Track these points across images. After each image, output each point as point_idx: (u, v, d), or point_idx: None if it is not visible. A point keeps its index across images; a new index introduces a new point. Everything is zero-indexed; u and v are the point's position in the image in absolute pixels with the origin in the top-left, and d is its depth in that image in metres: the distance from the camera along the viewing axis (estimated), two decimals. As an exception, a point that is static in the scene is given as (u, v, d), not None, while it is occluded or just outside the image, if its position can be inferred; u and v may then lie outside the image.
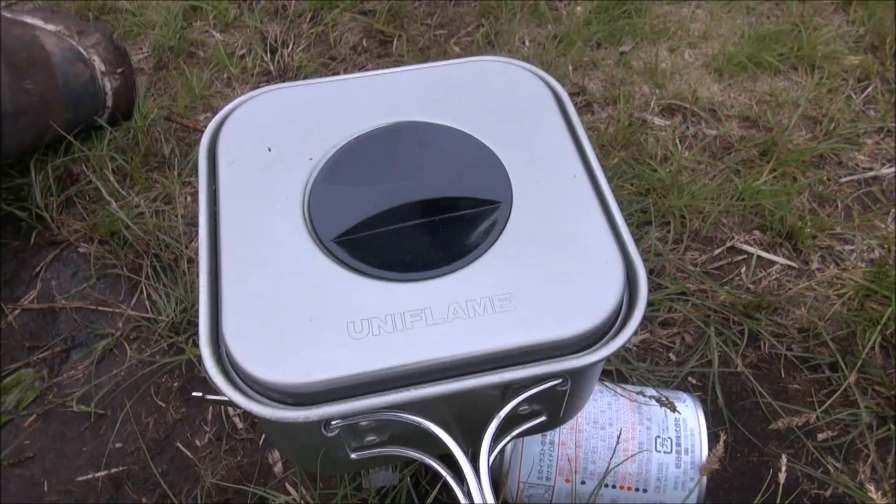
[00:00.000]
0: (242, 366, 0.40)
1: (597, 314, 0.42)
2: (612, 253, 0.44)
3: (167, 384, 0.87)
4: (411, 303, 0.42)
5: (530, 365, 0.41)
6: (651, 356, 0.89)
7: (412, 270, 0.44)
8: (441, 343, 0.41)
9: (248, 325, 0.41)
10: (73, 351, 0.91)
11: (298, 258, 0.45)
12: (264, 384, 0.40)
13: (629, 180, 1.04)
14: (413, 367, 0.40)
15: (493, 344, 0.41)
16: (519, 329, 0.41)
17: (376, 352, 0.40)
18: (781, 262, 0.97)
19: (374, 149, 0.50)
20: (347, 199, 0.47)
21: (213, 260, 0.46)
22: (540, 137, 0.51)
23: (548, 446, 0.67)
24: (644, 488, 0.67)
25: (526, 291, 0.43)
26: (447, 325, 0.42)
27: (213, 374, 0.41)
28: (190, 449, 0.82)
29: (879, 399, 0.83)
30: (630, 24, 1.32)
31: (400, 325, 0.42)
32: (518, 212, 0.47)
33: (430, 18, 1.38)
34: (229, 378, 0.42)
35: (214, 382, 0.41)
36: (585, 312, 0.42)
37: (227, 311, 0.42)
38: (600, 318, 0.42)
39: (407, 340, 0.41)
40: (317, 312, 0.42)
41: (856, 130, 1.14)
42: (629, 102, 1.19)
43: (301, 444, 0.50)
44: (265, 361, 0.40)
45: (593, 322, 0.42)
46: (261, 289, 0.43)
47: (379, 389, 0.41)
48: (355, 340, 0.41)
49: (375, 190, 0.47)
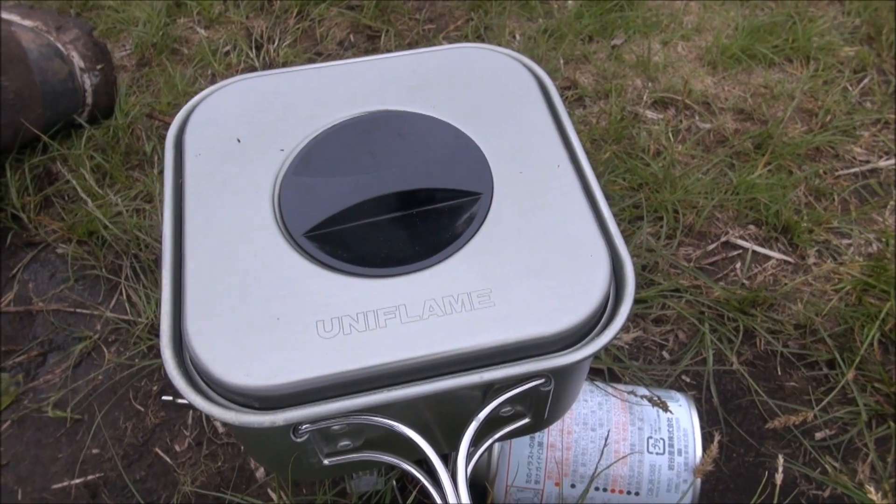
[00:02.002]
0: (205, 367, 0.38)
1: (581, 310, 0.40)
2: (597, 246, 0.42)
3: (146, 388, 0.85)
4: (385, 300, 0.40)
5: (510, 364, 0.39)
6: (644, 354, 0.86)
7: (386, 266, 0.41)
8: (416, 342, 0.38)
9: (211, 324, 0.39)
10: (50, 354, 0.89)
11: (267, 254, 0.42)
12: (228, 387, 0.37)
13: (621, 175, 1.02)
14: (386, 368, 0.38)
15: (471, 342, 0.39)
16: (499, 326, 0.39)
17: (347, 352, 0.38)
18: (777, 257, 0.95)
19: (348, 139, 0.48)
20: (320, 191, 0.44)
21: (178, 256, 0.43)
22: (523, 126, 0.49)
23: (536, 448, 0.65)
24: (636, 491, 0.64)
25: (506, 287, 0.40)
26: (422, 323, 0.39)
27: (174, 376, 0.39)
28: (169, 454, 0.79)
29: (878, 396, 0.80)
30: (622, 17, 1.30)
31: (373, 323, 0.39)
32: (499, 204, 0.44)
33: (418, 13, 1.35)
34: (192, 381, 0.39)
35: (175, 385, 0.38)
36: (569, 308, 0.40)
37: (190, 310, 0.40)
38: (585, 314, 0.40)
39: (380, 340, 0.39)
40: (285, 311, 0.40)
41: (852, 122, 1.11)
42: (621, 96, 1.17)
43: (271, 450, 0.47)
44: (229, 363, 0.38)
45: (577, 319, 0.39)
46: (226, 286, 0.41)
47: (350, 392, 0.38)
48: (325, 340, 0.38)
49: (349, 182, 0.45)
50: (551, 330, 0.39)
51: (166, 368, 0.39)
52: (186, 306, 0.40)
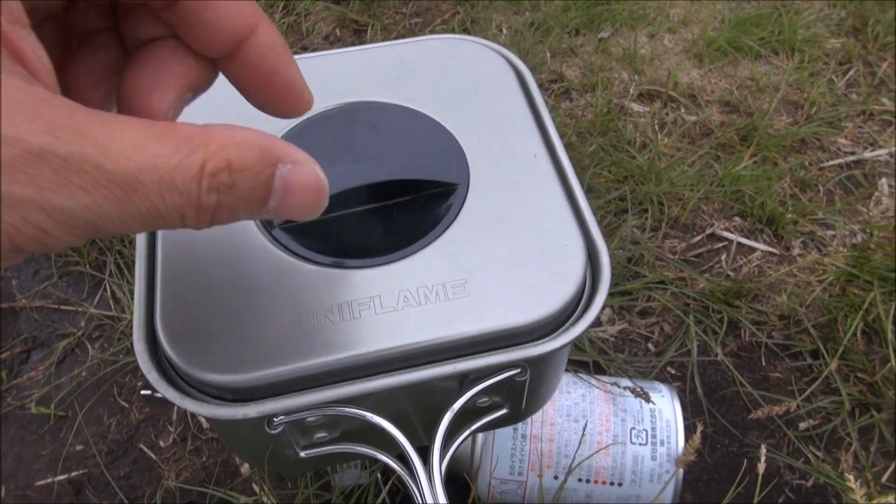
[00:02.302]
0: (177, 361, 0.37)
1: (556, 300, 0.40)
2: (572, 235, 0.42)
3: (131, 384, 0.84)
4: (359, 291, 0.40)
5: (484, 354, 0.39)
6: (629, 346, 0.86)
7: (361, 257, 0.41)
8: (390, 333, 0.38)
9: (182, 317, 0.39)
10: (33, 351, 0.88)
11: (241, 244, 0.42)
12: (200, 380, 0.37)
13: (607, 167, 1.02)
14: (360, 359, 0.38)
15: (445, 333, 0.38)
16: (474, 316, 0.39)
17: (320, 343, 0.38)
18: (762, 249, 0.95)
19: (325, 130, 0.47)
20: None
21: (152, 248, 0.43)
22: (500, 117, 0.48)
23: (519, 440, 0.65)
24: (619, 482, 0.65)
25: (481, 277, 0.40)
26: (397, 314, 0.39)
27: (146, 369, 0.38)
28: (154, 450, 0.79)
29: (861, 386, 0.81)
30: (609, 10, 1.30)
31: (347, 314, 0.39)
32: (475, 194, 0.44)
33: (405, 7, 1.35)
34: (165, 374, 0.39)
35: (148, 378, 0.38)
36: (544, 298, 0.40)
37: (161, 303, 0.39)
38: (559, 303, 0.40)
39: (354, 331, 0.38)
40: (258, 302, 0.39)
41: (837, 114, 1.12)
42: (608, 89, 1.17)
43: (247, 443, 0.47)
44: (200, 356, 0.37)
45: (552, 308, 0.39)
46: (198, 278, 0.40)
47: (325, 383, 0.38)
48: (299, 332, 0.38)
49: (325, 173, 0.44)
50: (526, 320, 0.39)
51: (139, 362, 0.39)
52: (158, 299, 0.40)
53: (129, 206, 0.20)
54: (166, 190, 0.21)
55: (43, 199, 0.19)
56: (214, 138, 0.22)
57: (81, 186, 0.19)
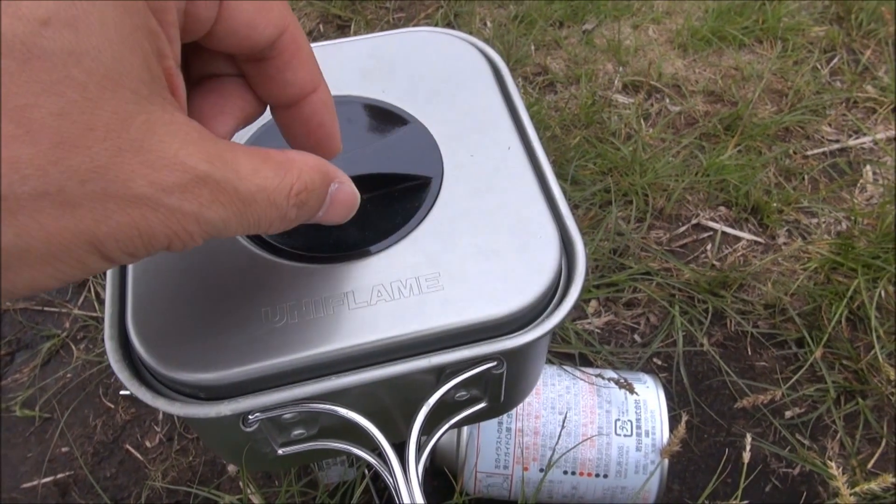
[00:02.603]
0: (147, 360, 0.37)
1: (531, 291, 0.39)
2: (546, 227, 0.42)
3: (116, 384, 0.84)
4: (332, 287, 0.40)
5: (459, 348, 0.39)
6: (616, 338, 0.86)
7: (334, 252, 0.41)
8: (364, 328, 0.38)
9: (152, 315, 0.38)
10: (17, 353, 0.88)
11: (213, 242, 0.41)
12: (171, 379, 0.37)
13: (591, 159, 1.02)
14: (334, 355, 0.38)
15: (419, 326, 0.38)
16: (448, 309, 0.39)
17: (293, 340, 0.37)
18: (747, 238, 0.95)
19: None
20: None
21: None
22: (474, 109, 0.48)
23: (504, 434, 0.65)
24: (605, 473, 0.65)
25: (455, 270, 0.40)
26: (370, 309, 0.39)
27: (117, 369, 0.38)
28: (140, 450, 0.79)
29: (847, 373, 0.81)
30: (592, 2, 1.29)
31: (321, 310, 0.39)
32: (449, 187, 0.44)
33: (388, 2, 1.34)
34: (137, 373, 0.39)
35: (119, 377, 0.38)
36: (519, 289, 0.39)
37: (133, 301, 0.39)
38: (534, 294, 0.39)
39: (327, 326, 0.38)
40: (231, 299, 0.39)
41: (821, 102, 1.12)
42: (592, 81, 1.16)
43: (224, 442, 0.47)
44: (172, 355, 0.37)
45: (527, 299, 0.39)
46: (170, 275, 0.40)
47: (299, 380, 0.38)
48: (271, 328, 0.38)
49: None
50: (501, 312, 0.39)
51: (110, 361, 0.38)
52: (129, 298, 0.39)
53: (244, 218, 0.26)
54: (270, 206, 0.27)
55: (200, 213, 0.24)
56: (295, 165, 0.29)
57: (223, 203, 0.25)
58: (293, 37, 0.30)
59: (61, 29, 0.20)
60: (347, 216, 0.35)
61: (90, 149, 0.21)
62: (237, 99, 0.32)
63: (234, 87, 0.32)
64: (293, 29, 0.30)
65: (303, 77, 0.32)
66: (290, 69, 0.31)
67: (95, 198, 0.21)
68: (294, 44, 0.31)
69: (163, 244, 0.24)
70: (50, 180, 0.20)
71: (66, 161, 0.20)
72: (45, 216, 0.21)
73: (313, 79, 0.32)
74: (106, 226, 0.22)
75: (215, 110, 0.31)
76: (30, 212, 0.20)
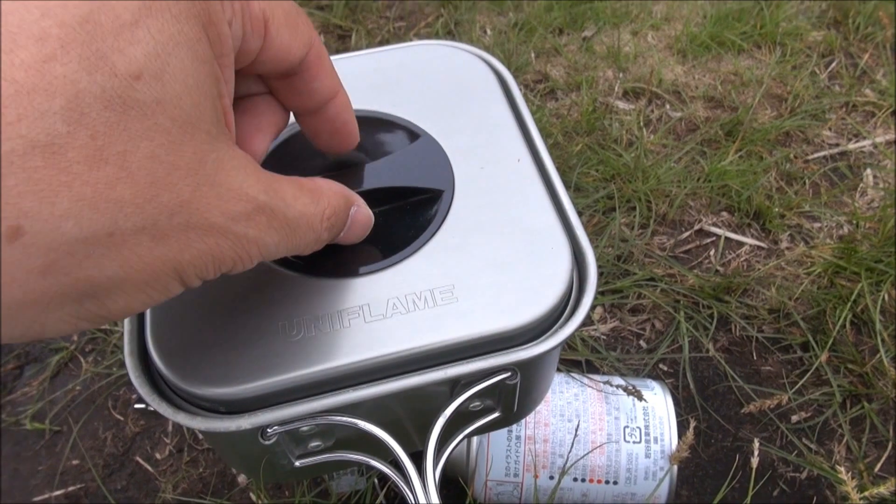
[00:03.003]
0: (168, 375, 0.38)
1: (544, 303, 0.40)
2: (558, 238, 0.42)
3: (125, 396, 0.84)
4: (349, 300, 0.40)
5: (474, 359, 0.39)
6: (621, 344, 0.87)
7: (349, 267, 0.42)
8: (381, 341, 0.39)
9: (172, 330, 0.39)
10: (26, 367, 0.88)
11: None
12: (191, 394, 0.37)
13: (594, 166, 1.02)
14: (351, 368, 0.38)
15: (434, 339, 0.39)
16: (462, 322, 0.39)
17: (311, 353, 0.38)
18: (750, 243, 0.96)
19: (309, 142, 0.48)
20: None
21: None
22: (484, 122, 0.49)
23: (514, 442, 0.66)
24: (614, 480, 0.65)
25: (468, 282, 0.41)
26: (386, 322, 0.39)
27: (138, 384, 0.38)
28: (150, 462, 0.79)
29: (852, 377, 0.81)
30: (592, 9, 1.30)
31: (337, 324, 0.39)
32: (460, 200, 0.44)
33: (388, 11, 1.35)
34: (157, 388, 0.39)
35: (140, 392, 0.38)
36: (532, 301, 0.40)
37: (152, 316, 0.40)
38: (547, 306, 0.40)
39: (344, 340, 0.39)
40: (247, 313, 0.40)
41: (821, 106, 1.13)
42: (593, 87, 1.17)
43: (242, 454, 0.47)
44: (191, 369, 0.37)
45: (540, 311, 0.40)
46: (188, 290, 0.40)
47: (316, 393, 0.39)
48: (289, 342, 0.38)
49: None
50: (515, 323, 0.39)
51: (131, 377, 0.39)
52: (147, 313, 0.40)
53: (290, 241, 0.30)
54: (309, 230, 0.31)
55: (260, 237, 0.28)
56: (324, 192, 0.33)
57: (276, 228, 0.28)
58: (318, 51, 0.33)
59: (150, 82, 0.22)
60: (363, 236, 0.39)
61: (176, 186, 0.24)
62: (270, 115, 0.35)
63: (265, 105, 0.35)
64: (317, 44, 0.33)
65: (327, 85, 0.35)
66: (317, 80, 0.34)
67: (181, 229, 0.24)
68: (319, 57, 0.33)
69: (228, 267, 0.28)
70: (146, 216, 0.23)
71: (158, 198, 0.23)
72: (142, 248, 0.23)
73: (334, 84, 0.35)
74: (188, 253, 0.25)
75: (252, 129, 0.34)
76: (131, 245, 0.23)
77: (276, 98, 0.35)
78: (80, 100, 0.20)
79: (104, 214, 0.22)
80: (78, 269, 0.22)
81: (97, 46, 0.21)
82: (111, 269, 0.23)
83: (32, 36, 0.20)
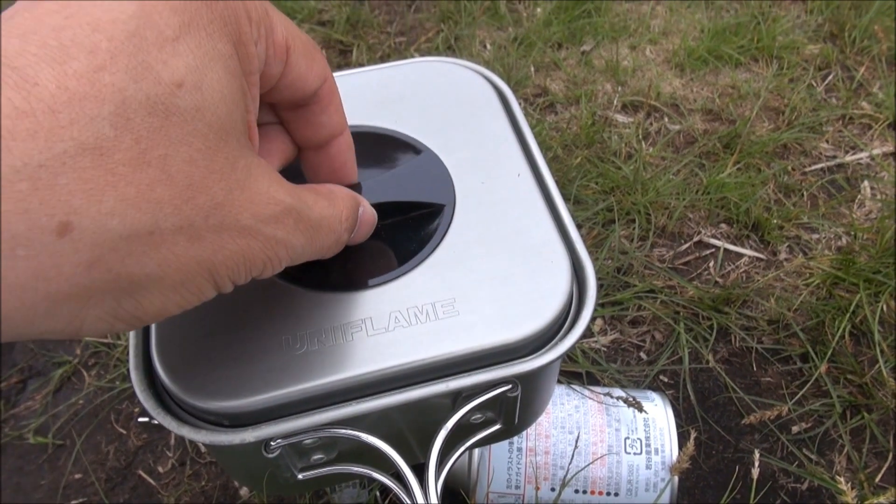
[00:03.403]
0: (172, 388, 0.38)
1: (544, 316, 0.40)
2: (557, 251, 0.43)
3: (128, 410, 0.85)
4: (351, 314, 0.41)
5: (475, 372, 0.40)
6: (622, 356, 0.87)
7: (351, 280, 0.42)
8: (382, 354, 0.39)
9: (176, 345, 0.39)
10: (30, 381, 0.89)
11: None
12: (195, 407, 0.38)
13: (593, 179, 1.03)
14: (353, 381, 0.38)
15: (436, 352, 0.39)
16: (463, 335, 0.40)
17: (313, 367, 0.38)
18: (749, 255, 0.97)
19: None
20: None
21: None
22: (483, 137, 0.50)
23: (515, 454, 0.66)
24: (615, 492, 0.65)
25: (469, 295, 0.41)
26: (388, 335, 0.40)
27: (143, 398, 0.39)
28: (152, 476, 0.79)
29: (852, 388, 0.82)
30: (590, 23, 1.32)
31: (339, 337, 0.40)
32: (461, 214, 0.45)
33: (389, 26, 1.37)
34: (161, 402, 0.40)
35: (145, 406, 0.39)
36: (532, 314, 0.40)
37: (157, 331, 0.40)
38: (547, 319, 0.40)
39: (346, 353, 0.39)
40: (251, 327, 0.40)
41: (818, 119, 1.13)
42: (592, 101, 1.18)
43: (245, 467, 0.48)
44: (197, 383, 0.38)
45: (541, 324, 0.40)
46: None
47: (320, 406, 0.39)
48: (292, 356, 0.39)
49: None
50: (515, 336, 0.40)
51: (136, 391, 0.39)
52: (153, 327, 0.40)
53: (314, 243, 0.32)
54: (330, 231, 0.33)
55: (288, 239, 0.29)
56: (338, 196, 0.34)
57: (302, 230, 0.30)
58: (331, 86, 0.35)
59: (191, 90, 0.24)
60: (368, 235, 0.41)
61: (211, 188, 0.25)
62: (280, 143, 0.37)
63: (275, 134, 0.37)
64: (331, 79, 0.35)
65: (336, 120, 0.36)
66: (327, 114, 0.36)
67: (215, 230, 0.26)
68: (331, 92, 0.35)
69: (259, 270, 0.29)
70: (184, 216, 0.24)
71: (194, 200, 0.24)
72: (179, 248, 0.24)
73: (342, 121, 0.37)
74: (221, 254, 0.26)
75: (263, 154, 0.36)
76: (169, 245, 0.24)
77: (287, 129, 0.37)
78: (126, 106, 0.22)
79: (146, 214, 0.23)
80: (120, 266, 0.23)
81: (143, 58, 0.22)
82: (150, 267, 0.24)
83: (84, 49, 0.21)
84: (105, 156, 0.21)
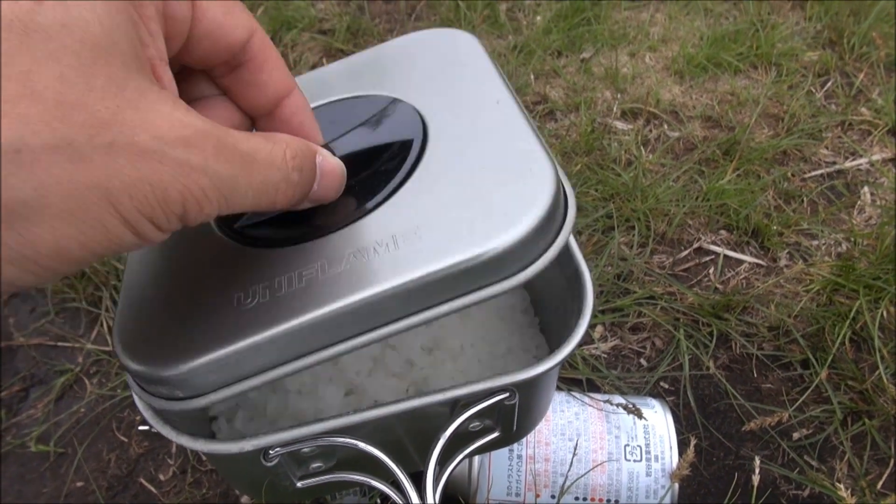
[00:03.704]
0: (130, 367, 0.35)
1: (525, 223, 0.35)
2: (540, 161, 0.38)
3: (129, 418, 0.85)
4: (306, 260, 0.37)
5: (473, 382, 0.40)
6: (622, 363, 0.87)
7: (310, 232, 0.39)
8: (334, 293, 0.35)
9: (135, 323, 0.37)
10: (31, 389, 0.89)
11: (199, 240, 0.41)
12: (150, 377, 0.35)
13: (593, 186, 1.03)
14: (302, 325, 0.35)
15: (396, 280, 0.35)
16: (424, 258, 0.35)
17: (262, 318, 0.35)
18: (749, 261, 0.97)
19: None
20: None
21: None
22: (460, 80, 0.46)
23: (515, 461, 0.66)
24: (616, 499, 0.65)
25: (436, 220, 0.37)
26: (343, 274, 0.36)
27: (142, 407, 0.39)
28: (154, 484, 0.80)
29: (852, 394, 0.82)
30: (590, 31, 1.32)
31: (293, 283, 0.36)
32: (434, 147, 0.41)
33: (389, 35, 1.37)
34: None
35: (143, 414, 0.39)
36: (511, 224, 0.35)
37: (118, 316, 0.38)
38: (529, 226, 0.35)
39: (297, 299, 0.36)
40: (203, 292, 0.38)
41: (817, 125, 1.14)
42: (591, 108, 1.19)
43: (244, 476, 0.48)
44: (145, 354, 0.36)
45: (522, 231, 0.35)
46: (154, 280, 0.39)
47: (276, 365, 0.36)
48: (242, 311, 0.36)
49: None
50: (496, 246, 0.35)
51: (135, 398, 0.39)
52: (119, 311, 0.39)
53: (251, 177, 0.29)
54: (270, 166, 0.30)
55: (208, 165, 0.26)
56: (281, 137, 0.32)
57: (227, 159, 0.27)
58: (262, 40, 0.33)
59: (54, 6, 0.23)
60: (339, 188, 0.37)
61: (91, 106, 0.23)
62: (225, 113, 0.35)
63: (220, 105, 0.35)
64: (261, 34, 0.33)
65: (277, 77, 0.35)
66: (265, 71, 0.34)
67: (104, 151, 0.23)
68: (264, 46, 0.34)
69: (178, 204, 0.26)
70: (59, 134, 0.22)
71: (70, 117, 0.23)
72: (59, 169, 0.23)
73: (287, 80, 0.35)
74: (118, 180, 0.24)
75: None
76: (45, 165, 0.22)
77: (231, 100, 0.36)
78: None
79: (8, 129, 0.21)
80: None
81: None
82: (24, 192, 0.22)
83: None
84: None
